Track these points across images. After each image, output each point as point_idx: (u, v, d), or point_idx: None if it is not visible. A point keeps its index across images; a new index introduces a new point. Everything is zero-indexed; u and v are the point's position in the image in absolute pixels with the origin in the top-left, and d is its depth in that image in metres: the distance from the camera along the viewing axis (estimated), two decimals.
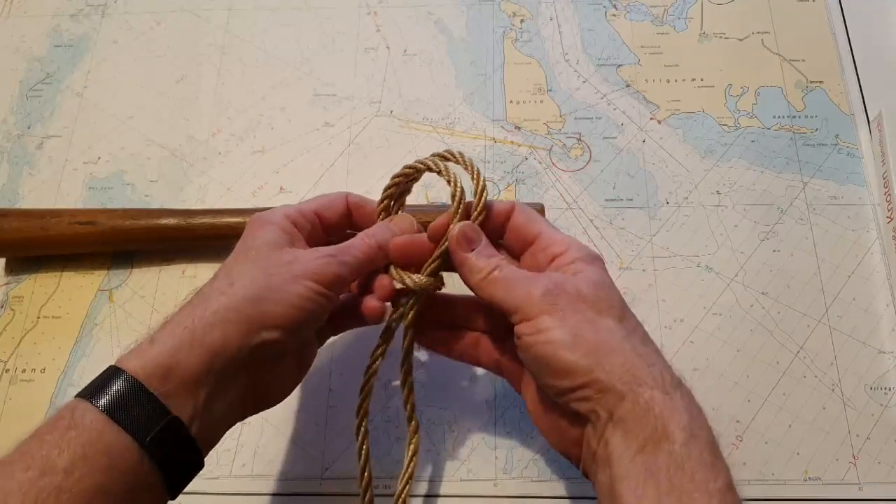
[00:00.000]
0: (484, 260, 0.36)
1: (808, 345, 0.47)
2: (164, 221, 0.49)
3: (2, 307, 0.51)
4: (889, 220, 0.49)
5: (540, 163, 0.54)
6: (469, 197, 0.38)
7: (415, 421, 0.41)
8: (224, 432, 0.35)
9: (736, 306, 0.48)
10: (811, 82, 0.56)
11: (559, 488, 0.43)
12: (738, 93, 0.56)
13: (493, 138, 0.55)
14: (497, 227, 0.39)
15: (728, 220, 0.51)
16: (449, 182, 0.38)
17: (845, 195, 0.52)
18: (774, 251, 0.50)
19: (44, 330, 0.50)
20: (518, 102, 0.56)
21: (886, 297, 0.48)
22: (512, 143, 0.55)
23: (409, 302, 0.39)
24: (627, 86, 0.57)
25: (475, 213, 0.38)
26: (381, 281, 0.39)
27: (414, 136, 0.55)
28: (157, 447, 0.31)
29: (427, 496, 0.43)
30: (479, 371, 0.47)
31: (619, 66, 0.57)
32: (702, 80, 0.57)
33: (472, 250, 0.37)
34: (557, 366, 0.33)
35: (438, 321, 0.41)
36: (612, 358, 0.32)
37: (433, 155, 0.40)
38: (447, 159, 0.39)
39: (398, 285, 0.39)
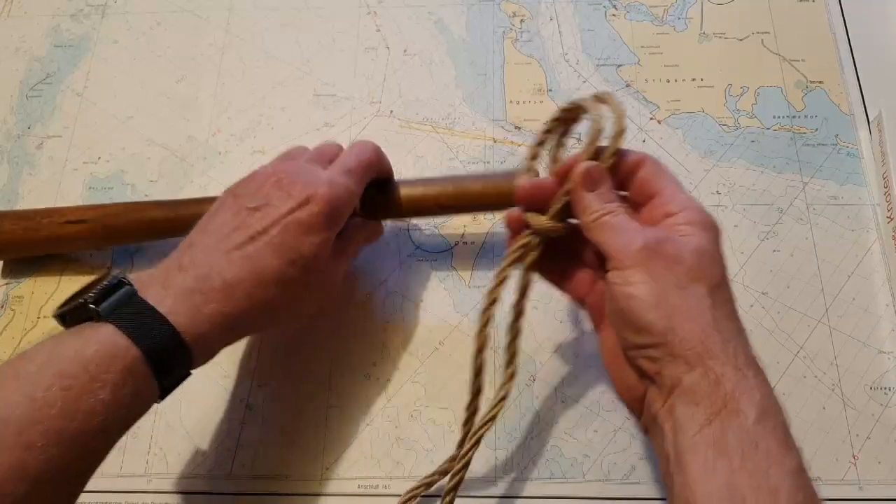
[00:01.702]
0: (599, 203, 0.36)
1: (808, 345, 0.47)
2: (151, 214, 0.48)
3: (2, 307, 0.51)
4: (889, 220, 0.49)
5: (540, 162, 0.54)
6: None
7: (513, 367, 0.40)
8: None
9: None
10: (811, 82, 0.56)
11: (559, 488, 0.43)
12: (738, 93, 0.56)
13: (493, 138, 0.55)
14: (624, 177, 0.38)
15: (728, 220, 0.51)
16: (592, 120, 0.38)
17: (845, 195, 0.52)
18: (774, 251, 0.50)
19: (44, 330, 0.50)
20: (518, 102, 0.56)
21: (886, 297, 0.48)
22: (512, 143, 0.55)
23: (532, 242, 0.39)
24: (627, 86, 0.57)
25: (606, 155, 0.37)
26: (511, 213, 0.40)
27: (414, 136, 0.55)
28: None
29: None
30: None
31: (619, 66, 0.58)
32: (702, 80, 0.57)
33: (593, 191, 0.37)
34: (635, 321, 0.33)
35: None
36: (689, 325, 0.32)
37: (591, 96, 0.39)
38: (601, 101, 0.39)
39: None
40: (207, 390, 0.47)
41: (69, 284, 0.51)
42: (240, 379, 0.47)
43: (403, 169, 0.53)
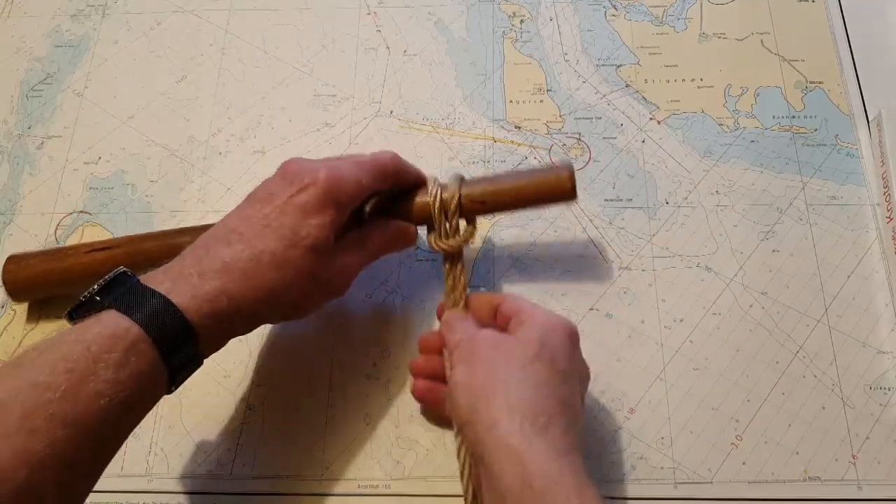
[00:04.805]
0: (454, 337, 0.40)
1: (808, 344, 0.47)
2: (178, 240, 0.46)
3: (2, 307, 0.51)
4: (889, 220, 0.49)
5: (540, 162, 0.54)
6: None
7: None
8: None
9: (735, 306, 0.48)
10: (811, 82, 0.56)
11: None
12: (738, 93, 0.56)
13: (494, 138, 0.55)
14: (490, 316, 0.42)
15: (727, 220, 0.51)
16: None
17: (845, 195, 0.52)
18: (774, 251, 0.50)
19: (45, 330, 0.50)
20: (518, 102, 0.56)
21: (886, 297, 0.48)
22: (512, 142, 0.55)
23: None
24: (627, 86, 0.57)
25: (459, 305, 0.44)
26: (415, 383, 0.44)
27: (414, 136, 0.55)
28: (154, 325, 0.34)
29: (426, 496, 0.44)
30: None
31: (619, 66, 0.58)
32: (701, 80, 0.57)
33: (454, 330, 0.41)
34: (452, 403, 0.37)
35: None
36: (486, 402, 0.34)
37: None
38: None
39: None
40: (208, 390, 0.47)
41: None
42: (240, 379, 0.47)
43: None
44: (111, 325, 0.33)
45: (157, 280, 0.36)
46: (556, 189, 0.44)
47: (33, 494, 0.29)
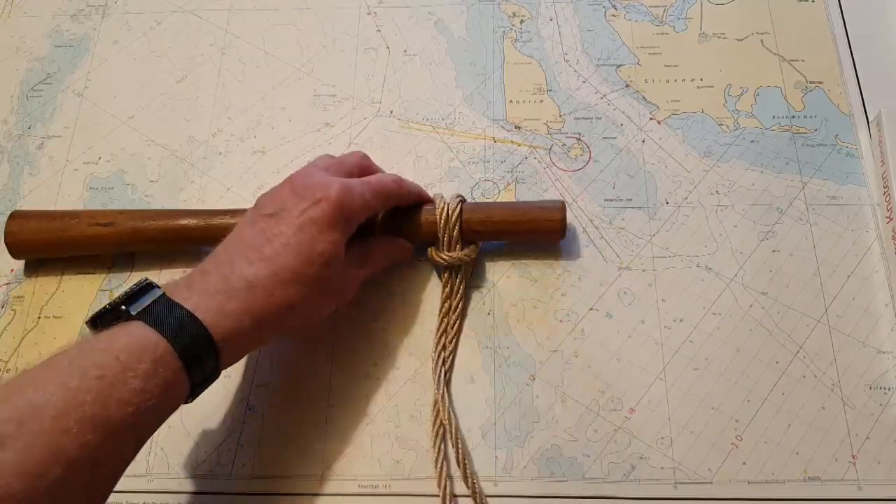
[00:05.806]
0: None
1: (808, 344, 0.47)
2: (184, 222, 0.48)
3: (2, 307, 0.51)
4: (888, 220, 0.49)
5: (539, 162, 0.54)
6: None
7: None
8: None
9: (735, 306, 0.48)
10: (811, 82, 0.56)
11: (559, 488, 0.44)
12: (738, 93, 0.56)
13: (493, 138, 0.55)
14: None
15: (727, 220, 0.51)
16: None
17: (844, 195, 0.52)
18: (774, 251, 0.50)
19: (45, 330, 0.50)
20: (518, 102, 0.56)
21: (886, 297, 0.48)
22: (512, 142, 0.55)
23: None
24: (627, 86, 0.57)
25: None
26: None
27: (414, 136, 0.55)
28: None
29: (426, 496, 0.44)
30: (479, 370, 0.47)
31: (619, 66, 0.58)
32: (701, 80, 0.57)
33: None
34: None
35: None
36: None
37: None
38: None
39: None
40: (208, 391, 0.47)
41: (70, 284, 0.51)
42: (240, 379, 0.47)
43: (404, 169, 0.53)
44: (139, 336, 0.34)
45: (183, 295, 0.37)
46: (546, 232, 0.49)
47: (64, 492, 0.30)
